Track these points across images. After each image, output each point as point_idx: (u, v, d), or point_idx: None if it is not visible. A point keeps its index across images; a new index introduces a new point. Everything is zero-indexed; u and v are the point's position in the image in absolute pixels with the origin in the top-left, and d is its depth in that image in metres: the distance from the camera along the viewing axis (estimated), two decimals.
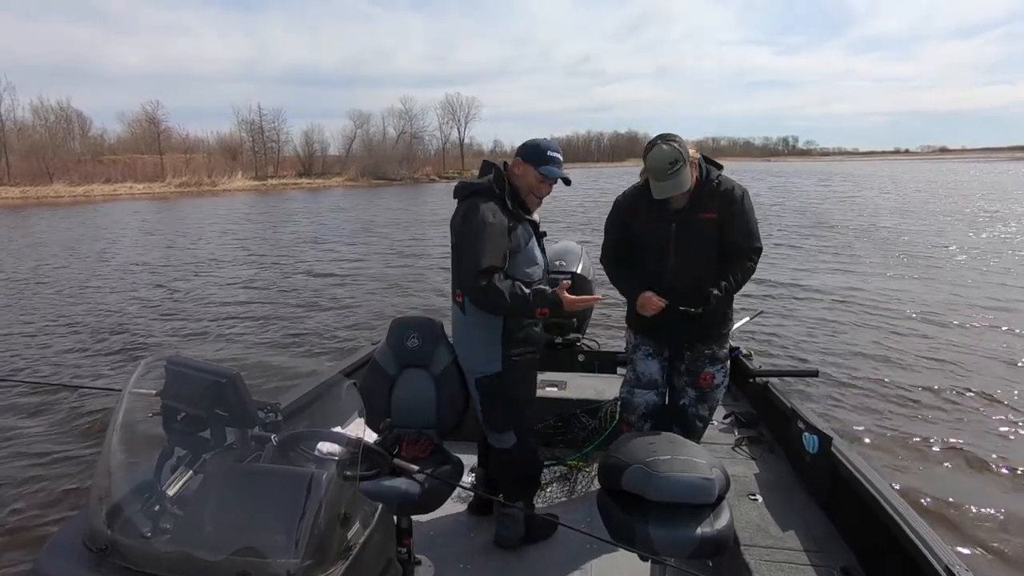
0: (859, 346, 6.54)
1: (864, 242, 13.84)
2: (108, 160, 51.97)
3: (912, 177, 50.27)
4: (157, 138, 55.29)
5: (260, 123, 60.76)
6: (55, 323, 8.35)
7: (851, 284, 9.60)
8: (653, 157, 2.11)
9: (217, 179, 51.10)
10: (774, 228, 15.79)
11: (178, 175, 49.84)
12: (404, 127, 68.61)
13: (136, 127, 58.34)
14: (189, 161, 54.00)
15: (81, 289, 10.69)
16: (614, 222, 2.38)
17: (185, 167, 51.91)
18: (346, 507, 1.15)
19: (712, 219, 2.20)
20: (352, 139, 64.95)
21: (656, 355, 2.40)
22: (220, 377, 1.27)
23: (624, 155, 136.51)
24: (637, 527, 1.51)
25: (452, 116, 78.28)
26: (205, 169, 52.70)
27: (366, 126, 66.41)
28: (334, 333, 7.64)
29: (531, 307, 1.99)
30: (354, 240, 16.91)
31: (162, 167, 51.29)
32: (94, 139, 57.86)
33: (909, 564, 1.68)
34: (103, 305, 9.47)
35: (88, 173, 46.38)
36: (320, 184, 54.21)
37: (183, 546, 1.06)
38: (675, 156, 2.07)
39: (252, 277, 11.66)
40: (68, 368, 6.51)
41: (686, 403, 2.40)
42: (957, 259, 11.54)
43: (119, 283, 11.25)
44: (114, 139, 59.69)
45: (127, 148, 56.61)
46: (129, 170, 49.60)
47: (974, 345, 6.45)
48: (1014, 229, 15.66)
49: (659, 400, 2.44)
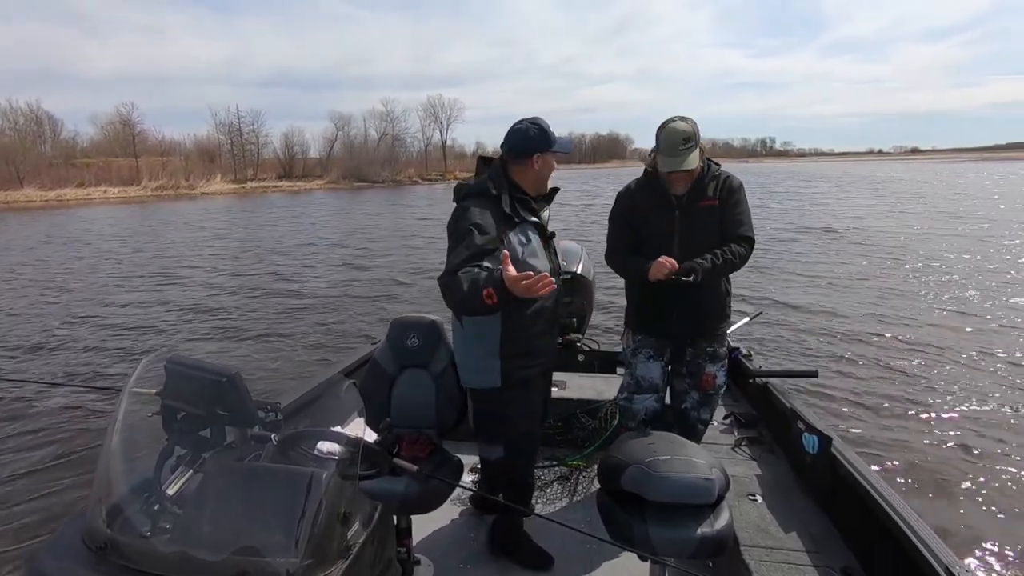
0: (859, 347, 6.54)
1: (861, 243, 13.84)
2: (81, 163, 50.77)
3: (898, 178, 50.05)
4: (132, 141, 54.26)
5: (239, 125, 60.19)
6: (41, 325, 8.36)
7: (850, 285, 9.60)
8: (669, 131, 2.13)
9: (195, 182, 50.28)
10: (771, 228, 15.82)
11: (154, 178, 48.80)
12: (386, 129, 68.20)
13: (109, 130, 57.34)
14: (166, 164, 52.98)
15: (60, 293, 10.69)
16: (618, 216, 2.37)
17: (162, 170, 50.85)
18: (346, 507, 1.15)
19: (714, 206, 2.22)
20: (333, 141, 64.65)
21: (657, 357, 2.37)
22: (220, 376, 1.27)
23: (606, 156, 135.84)
24: (637, 527, 1.51)
25: (434, 118, 77.95)
26: (182, 172, 51.76)
27: (347, 128, 66.07)
28: (331, 334, 7.64)
29: (480, 290, 1.71)
30: (346, 243, 16.90)
31: (137, 170, 50.15)
32: (66, 142, 56.60)
33: (909, 564, 1.68)
34: (94, 308, 9.47)
35: (60, 177, 45.19)
36: (301, 187, 53.52)
37: (183, 545, 1.06)
38: (689, 134, 2.11)
39: (241, 280, 11.66)
40: (66, 369, 6.52)
41: (688, 407, 2.38)
42: (960, 260, 11.55)
43: (111, 285, 11.26)
44: (87, 142, 58.49)
45: (101, 151, 55.48)
46: (103, 173, 48.47)
47: (975, 346, 6.45)
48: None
49: (658, 406, 2.40)
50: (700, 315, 2.27)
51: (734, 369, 3.56)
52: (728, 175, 2.27)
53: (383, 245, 16.05)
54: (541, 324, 2.02)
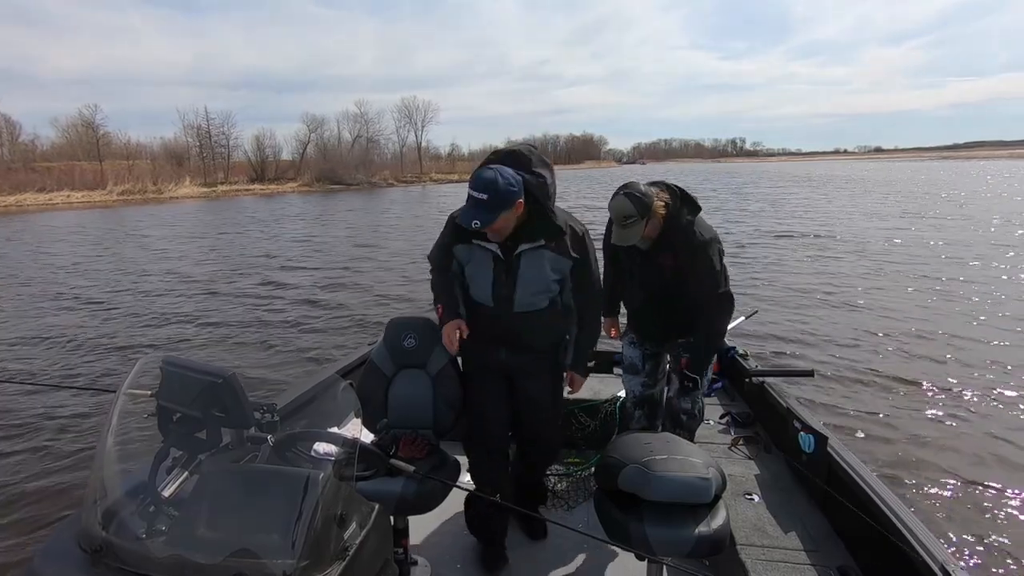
0: (855, 346, 6.57)
1: (858, 244, 13.90)
2: (42, 167, 48.57)
3: (872, 178, 50.13)
4: (96, 144, 52.34)
5: (208, 128, 58.62)
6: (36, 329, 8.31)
7: (849, 285, 9.64)
8: (614, 207, 2.23)
9: (163, 186, 48.60)
10: (763, 228, 15.87)
11: (120, 182, 46.93)
12: (360, 131, 67.28)
13: (72, 133, 55.07)
14: (132, 168, 51.23)
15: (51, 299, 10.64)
16: (605, 242, 2.54)
17: (128, 174, 49.10)
18: (343, 508, 1.15)
19: (667, 264, 2.29)
20: (306, 143, 63.53)
21: (638, 344, 2.57)
22: (216, 377, 1.26)
23: (581, 157, 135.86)
24: (634, 527, 1.51)
25: (409, 120, 77.10)
26: (150, 176, 50.09)
27: (320, 130, 65.04)
28: (330, 334, 7.63)
29: (435, 301, 2.10)
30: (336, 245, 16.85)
31: (102, 174, 48.22)
32: (25, 145, 54.33)
33: (905, 563, 1.69)
34: (84, 310, 9.43)
35: (19, 182, 43.09)
36: (274, 190, 52.30)
37: (178, 547, 1.06)
38: (629, 212, 2.18)
39: (234, 282, 11.62)
40: (63, 369, 6.48)
41: (671, 395, 2.50)
42: (957, 260, 11.61)
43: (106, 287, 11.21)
44: (48, 146, 56.14)
45: (63, 155, 53.16)
46: (66, 178, 46.36)
47: (971, 344, 6.49)
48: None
49: (644, 389, 2.57)
50: (676, 324, 2.43)
51: (731, 369, 3.57)
52: (694, 232, 2.25)
53: (382, 243, 16.03)
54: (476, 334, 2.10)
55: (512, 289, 2.00)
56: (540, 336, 2.10)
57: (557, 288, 2.06)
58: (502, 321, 2.04)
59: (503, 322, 2.04)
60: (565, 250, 2.00)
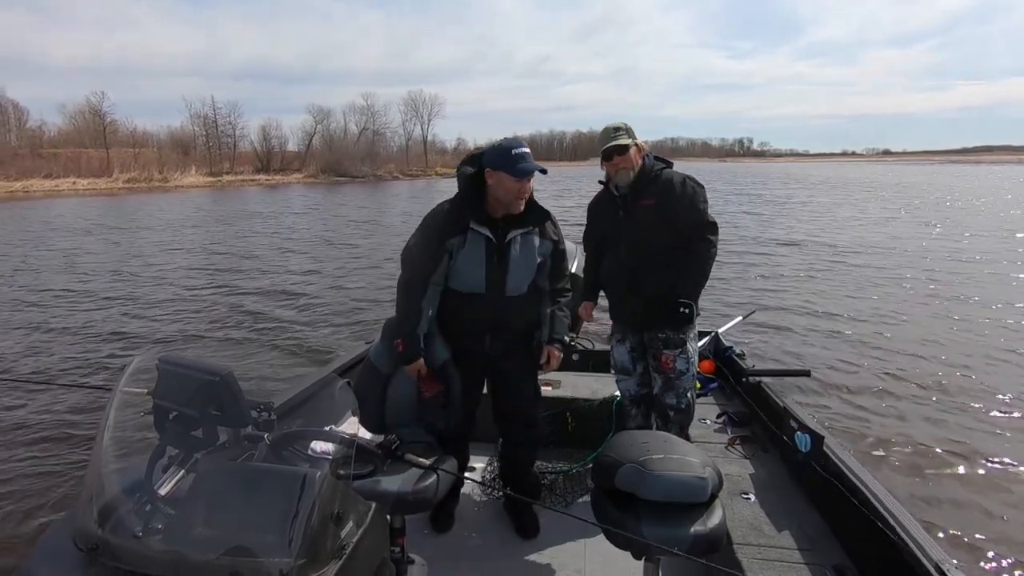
0: (851, 346, 6.58)
1: (856, 244, 13.93)
2: (49, 154, 48.52)
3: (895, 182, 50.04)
4: (103, 131, 52.29)
5: (214, 117, 58.70)
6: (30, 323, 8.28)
7: (846, 284, 9.66)
8: (603, 130, 2.40)
9: (168, 175, 48.52)
10: (766, 231, 15.89)
11: (126, 170, 46.97)
12: (366, 123, 67.42)
13: (79, 119, 55.07)
14: (138, 156, 51.13)
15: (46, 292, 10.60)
16: (587, 223, 2.61)
17: (134, 162, 49.05)
18: (340, 506, 1.15)
19: (650, 206, 2.35)
20: (312, 135, 63.51)
21: (623, 341, 2.60)
22: (212, 375, 1.26)
23: (587, 154, 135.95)
24: (630, 525, 1.51)
25: (415, 113, 77.29)
26: (156, 164, 49.97)
27: (326, 122, 64.99)
28: (328, 334, 7.61)
29: (395, 335, 2.09)
30: (338, 240, 16.81)
31: (108, 162, 48.13)
32: (32, 131, 54.48)
33: (900, 562, 1.69)
34: (84, 306, 9.39)
35: (27, 168, 43.28)
36: (279, 180, 52.21)
37: (175, 545, 1.06)
38: (619, 125, 2.37)
39: (229, 278, 11.59)
40: (60, 367, 6.46)
41: (657, 391, 2.52)
42: (957, 260, 11.64)
43: (107, 282, 11.18)
44: (55, 132, 56.24)
45: (69, 142, 53.09)
46: (73, 164, 46.42)
47: (966, 344, 6.51)
48: None
49: (639, 389, 2.61)
50: (651, 308, 2.41)
51: (728, 368, 3.58)
52: (670, 175, 2.38)
53: (377, 241, 15.99)
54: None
55: (504, 273, 2.08)
56: (522, 319, 2.19)
57: (536, 271, 2.17)
58: (491, 306, 2.09)
59: (492, 307, 2.10)
60: (547, 233, 2.15)
